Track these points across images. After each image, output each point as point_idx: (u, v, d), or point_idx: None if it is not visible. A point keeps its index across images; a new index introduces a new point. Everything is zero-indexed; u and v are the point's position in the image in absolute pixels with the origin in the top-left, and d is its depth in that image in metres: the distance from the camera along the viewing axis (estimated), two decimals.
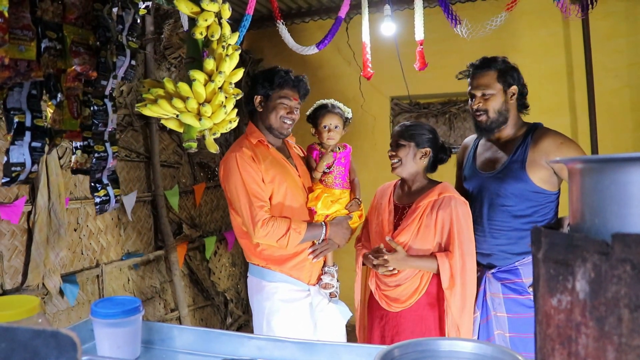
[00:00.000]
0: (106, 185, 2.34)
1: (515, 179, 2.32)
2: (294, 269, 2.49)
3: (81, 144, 2.25)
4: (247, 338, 1.51)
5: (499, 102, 2.40)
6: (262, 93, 2.52)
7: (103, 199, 2.34)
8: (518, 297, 2.34)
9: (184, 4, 1.74)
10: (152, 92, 1.70)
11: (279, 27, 3.16)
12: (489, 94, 2.39)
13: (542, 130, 2.38)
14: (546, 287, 0.75)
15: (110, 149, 2.29)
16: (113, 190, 2.36)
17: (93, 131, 2.19)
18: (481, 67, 2.44)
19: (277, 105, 2.49)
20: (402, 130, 2.50)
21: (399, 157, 2.47)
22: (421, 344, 1.08)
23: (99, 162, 2.25)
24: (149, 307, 3.86)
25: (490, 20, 2.68)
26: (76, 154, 2.27)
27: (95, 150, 2.22)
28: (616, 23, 4.16)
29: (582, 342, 0.68)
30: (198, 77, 1.72)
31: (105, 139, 2.28)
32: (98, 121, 2.19)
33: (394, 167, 2.50)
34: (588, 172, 0.75)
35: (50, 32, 1.92)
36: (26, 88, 1.92)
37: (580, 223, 0.77)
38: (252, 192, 2.37)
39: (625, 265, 0.63)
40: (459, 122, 4.77)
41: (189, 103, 1.70)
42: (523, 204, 2.33)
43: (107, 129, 2.25)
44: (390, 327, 2.44)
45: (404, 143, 2.47)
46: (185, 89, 1.70)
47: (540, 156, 2.29)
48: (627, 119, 4.17)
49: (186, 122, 1.73)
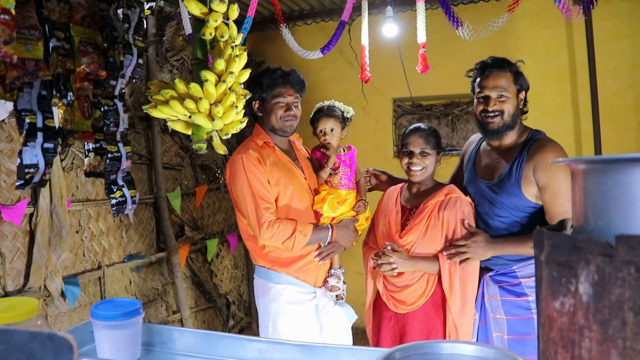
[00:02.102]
0: (122, 186, 2.33)
1: (509, 193, 2.28)
2: (299, 271, 2.48)
3: (94, 146, 2.25)
4: (248, 341, 1.50)
5: (513, 106, 2.30)
6: (258, 97, 2.51)
7: (119, 200, 2.33)
8: (516, 299, 2.32)
9: (194, 4, 1.74)
10: (164, 93, 1.70)
11: (282, 31, 3.16)
12: (506, 96, 2.29)
13: (539, 143, 2.29)
14: (549, 289, 0.74)
15: (124, 149, 2.28)
16: (129, 191, 2.35)
17: (105, 132, 2.19)
18: (497, 67, 2.33)
19: (274, 106, 2.47)
20: (427, 137, 2.45)
21: (424, 164, 2.44)
22: (423, 347, 1.07)
23: (112, 162, 2.24)
24: (150, 309, 3.86)
25: (492, 22, 2.66)
26: (89, 157, 2.27)
27: (109, 151, 2.22)
28: (619, 24, 4.15)
29: (586, 346, 0.67)
30: (210, 77, 1.71)
31: (117, 139, 2.27)
32: (109, 121, 2.18)
33: (416, 175, 2.45)
34: (591, 173, 0.74)
35: (58, 32, 1.93)
36: (36, 89, 1.92)
37: (583, 224, 0.76)
38: (258, 194, 2.36)
39: (629, 267, 0.62)
40: (462, 123, 4.76)
41: (202, 104, 1.69)
42: (517, 215, 2.30)
43: (119, 129, 2.25)
44: (398, 327, 2.45)
45: (430, 152, 2.44)
46: (198, 90, 1.70)
47: (531, 173, 2.23)
48: (630, 119, 4.15)
49: (198, 123, 1.73)
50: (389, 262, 2.36)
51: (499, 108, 2.29)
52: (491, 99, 2.31)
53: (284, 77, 2.48)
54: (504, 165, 2.34)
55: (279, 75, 2.47)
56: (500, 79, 2.30)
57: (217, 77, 1.76)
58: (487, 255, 2.32)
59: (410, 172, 2.46)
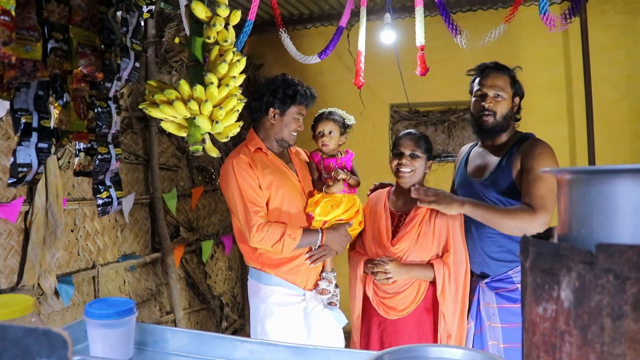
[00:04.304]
0: (109, 187, 2.35)
1: (501, 187, 2.33)
2: (289, 273, 2.50)
3: (85, 146, 2.26)
4: (240, 341, 1.52)
5: (507, 107, 2.40)
6: (279, 107, 2.53)
7: (105, 201, 2.36)
8: (512, 305, 2.32)
9: (201, 7, 1.76)
10: (166, 94, 1.71)
11: (281, 35, 3.19)
12: (502, 96, 2.40)
13: (531, 140, 2.38)
14: (533, 295, 0.76)
15: (114, 150, 2.31)
16: (116, 192, 2.37)
17: (97, 133, 2.20)
18: (497, 69, 2.44)
19: (291, 120, 2.54)
20: (417, 140, 2.48)
21: (413, 167, 2.45)
22: (411, 350, 1.09)
23: (102, 163, 2.26)
24: (144, 310, 3.86)
25: (490, 32, 2.69)
26: (79, 156, 2.28)
27: (99, 152, 2.24)
28: (615, 35, 4.19)
29: (566, 350, 0.69)
30: (214, 80, 1.73)
31: (108, 140, 2.29)
32: (102, 123, 2.20)
33: (405, 176, 2.47)
34: (576, 183, 0.76)
35: (57, 34, 1.94)
36: (33, 89, 1.93)
37: (567, 233, 0.78)
38: (248, 198, 2.40)
39: (608, 275, 0.64)
40: (458, 130, 4.78)
41: (205, 106, 1.71)
42: None
43: (110, 131, 2.27)
44: (389, 333, 2.44)
45: (420, 154, 2.46)
46: (202, 92, 1.71)
47: (519, 161, 2.30)
48: (625, 130, 4.18)
49: (201, 125, 1.74)
50: (385, 270, 2.37)
51: (494, 107, 2.40)
52: (488, 96, 2.41)
53: (312, 99, 2.59)
54: (495, 161, 2.41)
55: (309, 97, 2.57)
56: (498, 80, 2.41)
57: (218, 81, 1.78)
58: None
59: (399, 173, 2.48)
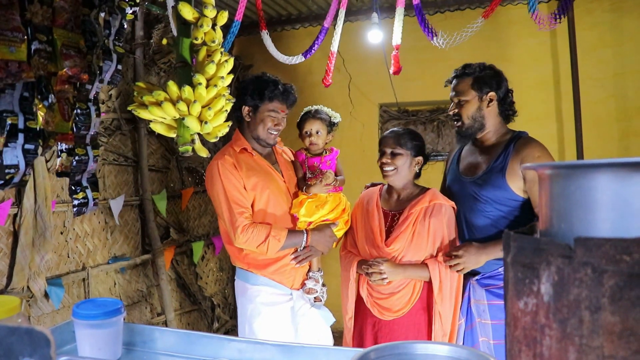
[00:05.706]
0: (85, 187, 2.35)
1: (494, 185, 2.34)
2: (275, 273, 2.51)
3: (67, 147, 2.26)
4: (228, 340, 1.52)
5: (472, 109, 2.42)
6: (251, 104, 2.51)
7: (81, 202, 2.36)
8: (502, 302, 2.33)
9: (187, 8, 1.76)
10: (155, 95, 1.71)
11: (263, 37, 3.18)
12: (463, 100, 2.43)
13: (526, 139, 2.38)
14: (514, 290, 0.76)
15: (92, 152, 2.31)
16: (92, 193, 2.38)
17: (75, 134, 2.20)
18: (459, 75, 2.48)
19: (265, 117, 2.50)
20: (397, 137, 2.47)
21: (395, 165, 2.44)
22: (397, 347, 1.09)
23: (79, 165, 2.26)
24: (135, 311, 3.85)
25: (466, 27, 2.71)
26: (61, 157, 2.28)
27: (76, 153, 2.24)
28: (602, 34, 4.22)
29: (546, 344, 0.70)
30: (203, 81, 1.73)
31: (87, 142, 2.29)
32: (80, 124, 2.20)
33: (388, 175, 2.46)
34: (556, 178, 0.77)
35: (40, 35, 1.94)
36: (18, 90, 1.93)
37: (548, 228, 0.79)
38: (233, 199, 2.39)
39: (586, 268, 0.65)
40: (447, 129, 4.80)
41: (194, 107, 1.71)
42: (502, 210, 2.34)
43: (89, 133, 2.27)
44: (384, 334, 2.43)
45: (401, 152, 2.44)
46: (190, 93, 1.71)
47: (518, 166, 2.30)
48: (612, 127, 4.22)
49: (190, 126, 1.74)
50: (380, 270, 2.36)
51: (458, 112, 2.46)
52: (452, 104, 2.49)
53: (284, 94, 2.52)
54: (488, 160, 2.42)
55: (280, 92, 2.51)
56: (458, 85, 2.47)
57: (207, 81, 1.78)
58: (482, 261, 2.35)
59: (383, 172, 2.49)
